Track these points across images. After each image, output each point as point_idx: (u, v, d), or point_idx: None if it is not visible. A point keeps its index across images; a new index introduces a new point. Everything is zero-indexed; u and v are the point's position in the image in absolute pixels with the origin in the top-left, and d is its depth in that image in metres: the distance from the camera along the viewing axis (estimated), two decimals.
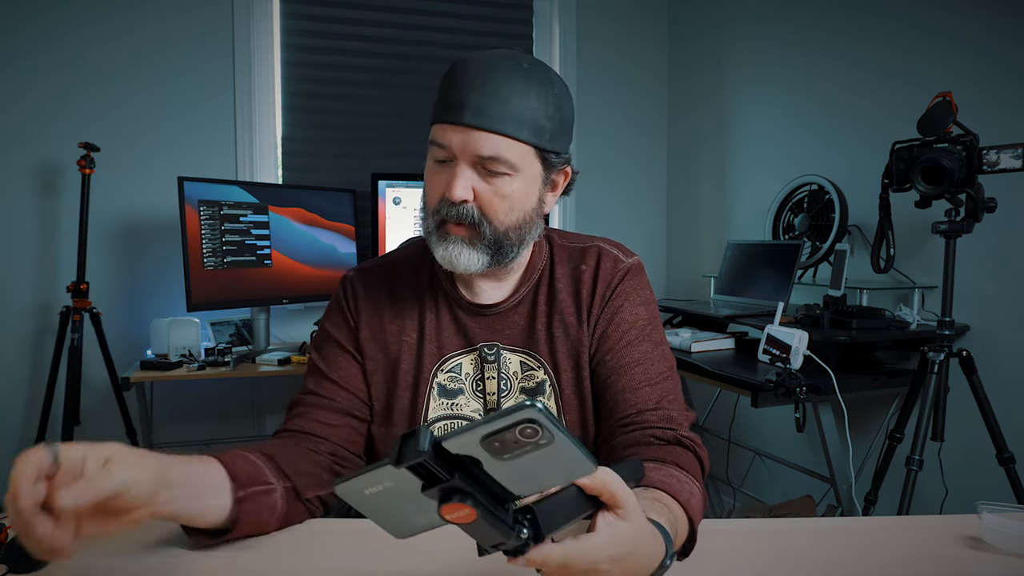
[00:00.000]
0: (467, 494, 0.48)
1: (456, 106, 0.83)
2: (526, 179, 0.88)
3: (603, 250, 1.00)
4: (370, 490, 0.50)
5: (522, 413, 0.45)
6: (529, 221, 0.91)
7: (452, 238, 0.88)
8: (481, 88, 0.82)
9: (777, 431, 2.55)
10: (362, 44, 2.82)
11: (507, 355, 0.97)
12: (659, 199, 3.29)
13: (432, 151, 0.88)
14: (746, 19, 2.74)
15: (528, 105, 0.84)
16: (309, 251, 2.57)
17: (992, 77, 1.81)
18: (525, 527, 0.51)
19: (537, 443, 0.46)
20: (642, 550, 0.58)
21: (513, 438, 0.46)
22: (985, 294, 1.84)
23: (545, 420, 0.45)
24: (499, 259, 0.90)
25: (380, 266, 1.03)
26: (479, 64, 0.84)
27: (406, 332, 0.98)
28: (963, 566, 0.76)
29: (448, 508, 0.48)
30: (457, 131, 0.84)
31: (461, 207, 0.86)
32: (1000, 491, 1.63)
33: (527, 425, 0.46)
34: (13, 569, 0.70)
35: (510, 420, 0.46)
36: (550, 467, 0.49)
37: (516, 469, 0.49)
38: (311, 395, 0.96)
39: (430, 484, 0.48)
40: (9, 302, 2.48)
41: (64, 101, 2.49)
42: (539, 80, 0.85)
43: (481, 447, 0.47)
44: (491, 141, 0.83)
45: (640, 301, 0.98)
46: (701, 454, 0.89)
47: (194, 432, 2.67)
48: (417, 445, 0.46)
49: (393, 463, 0.47)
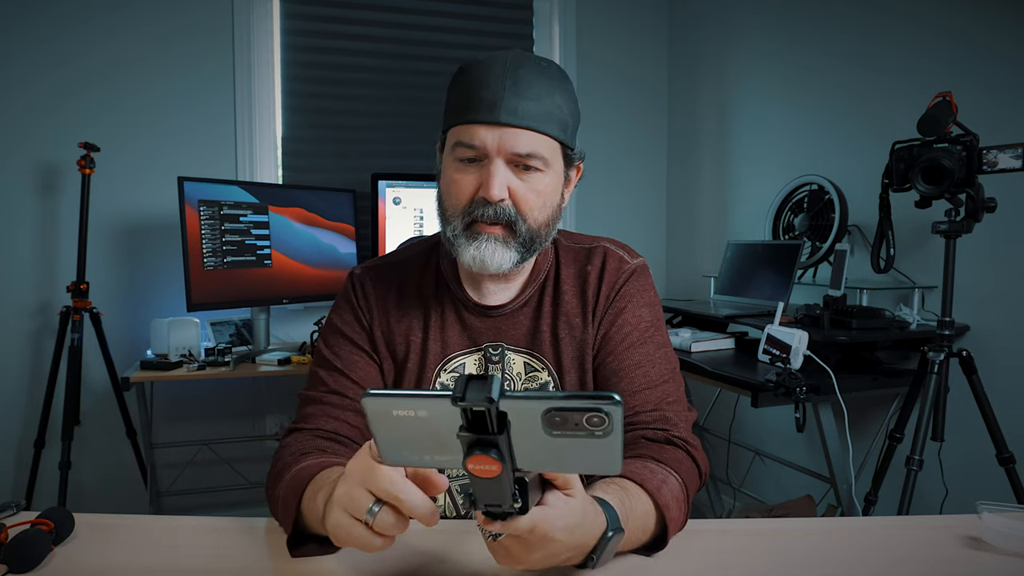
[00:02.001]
0: (501, 453, 0.49)
1: (488, 105, 0.83)
2: (555, 174, 0.90)
3: (609, 251, 1.00)
4: (400, 412, 0.51)
5: (604, 403, 0.47)
6: (556, 216, 0.93)
7: (484, 237, 0.87)
8: (513, 86, 0.83)
9: (777, 431, 2.55)
10: (362, 44, 2.82)
11: (511, 356, 0.97)
12: (659, 199, 3.29)
13: (458, 151, 0.87)
14: (746, 19, 2.74)
15: (555, 102, 0.86)
16: (309, 251, 2.57)
17: (992, 77, 1.81)
18: (518, 497, 0.54)
19: (593, 432, 0.48)
20: (587, 522, 0.62)
21: (578, 420, 0.48)
22: (985, 294, 1.84)
23: (619, 417, 0.47)
24: (527, 256, 0.91)
25: (388, 264, 1.03)
26: (502, 64, 0.85)
27: (412, 332, 0.98)
28: (963, 566, 0.76)
29: (478, 459, 0.50)
30: (491, 129, 0.84)
31: (498, 206, 0.86)
32: (1000, 491, 1.63)
33: (599, 415, 0.47)
34: (13, 569, 0.70)
35: (588, 404, 0.47)
36: (586, 456, 0.51)
37: (550, 446, 0.50)
38: (334, 395, 0.94)
39: (471, 430, 0.49)
40: (9, 302, 2.48)
41: (64, 101, 2.49)
42: (560, 78, 0.88)
43: (540, 415, 0.48)
44: (527, 138, 0.84)
45: (644, 303, 0.98)
46: (694, 453, 0.89)
47: (194, 432, 2.67)
48: (486, 391, 0.48)
49: (454, 400, 0.48)
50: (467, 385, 0.48)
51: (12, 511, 0.82)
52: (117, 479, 2.59)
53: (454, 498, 0.96)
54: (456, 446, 0.51)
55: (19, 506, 0.83)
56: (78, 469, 2.34)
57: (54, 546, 0.75)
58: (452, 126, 0.88)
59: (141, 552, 0.77)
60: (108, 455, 2.58)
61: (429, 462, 0.55)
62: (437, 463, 0.55)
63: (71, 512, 0.80)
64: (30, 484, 2.34)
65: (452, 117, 0.88)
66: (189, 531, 0.83)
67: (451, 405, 0.49)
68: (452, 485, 0.96)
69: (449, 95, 0.89)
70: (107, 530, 0.82)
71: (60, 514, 0.78)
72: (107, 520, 0.85)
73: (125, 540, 0.80)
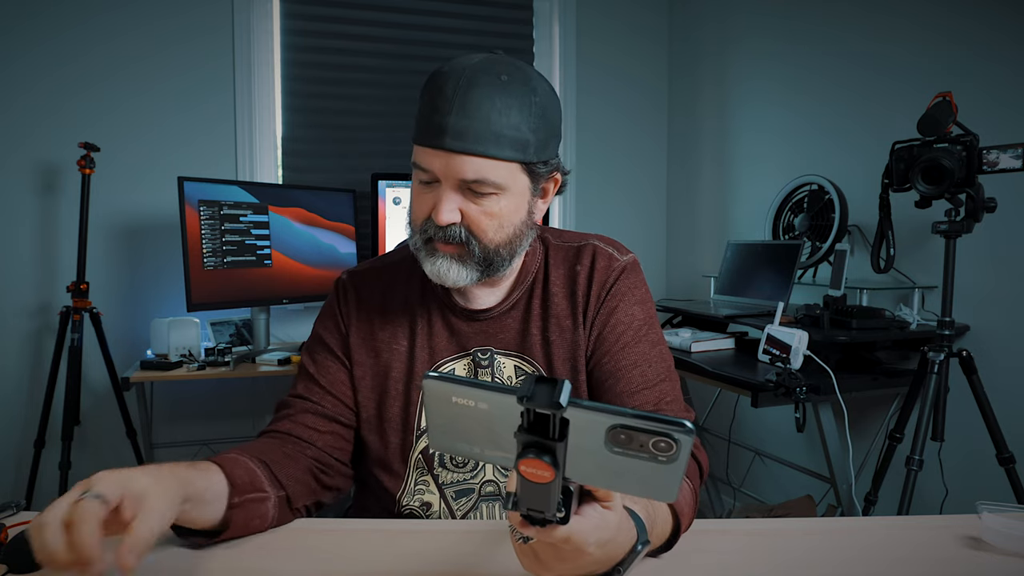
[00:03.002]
0: (556, 460, 0.48)
1: (436, 129, 0.81)
2: (514, 195, 0.86)
3: (598, 248, 0.99)
4: (459, 400, 0.50)
5: (676, 430, 0.45)
6: (520, 234, 0.90)
7: (441, 254, 0.87)
8: (461, 109, 0.79)
9: (777, 431, 2.55)
10: (362, 44, 2.82)
11: (501, 359, 0.96)
12: (659, 199, 3.29)
13: (416, 173, 0.86)
14: (746, 19, 2.74)
15: (510, 122, 0.81)
16: (309, 251, 2.57)
17: (992, 77, 1.81)
18: (562, 507, 0.53)
19: (657, 457, 0.46)
20: (620, 536, 0.60)
21: (644, 441, 0.46)
22: (985, 294, 1.84)
23: (688, 446, 0.46)
24: (490, 273, 0.90)
25: (374, 269, 1.02)
26: (455, 81, 0.80)
27: (397, 339, 0.97)
28: (963, 566, 0.76)
29: (531, 462, 0.48)
30: (438, 155, 0.82)
31: (448, 229, 0.85)
32: (1000, 491, 1.63)
33: (668, 440, 0.45)
34: (13, 569, 0.70)
35: (659, 427, 0.45)
36: (642, 479, 0.49)
37: (607, 462, 0.48)
38: (299, 399, 0.95)
39: (529, 432, 0.48)
40: (9, 302, 2.48)
41: (64, 101, 2.49)
42: (519, 93, 0.81)
43: (604, 429, 0.47)
44: (474, 164, 0.81)
45: (636, 300, 0.97)
46: (697, 454, 0.89)
47: (194, 432, 2.67)
48: (555, 396, 0.46)
49: (520, 398, 0.47)
50: (535, 386, 0.47)
51: (12, 511, 0.82)
52: None
53: (448, 502, 0.96)
54: (511, 444, 0.49)
55: (19, 506, 0.83)
56: (78, 469, 2.34)
57: None
58: (413, 143, 0.86)
59: None
60: (108, 455, 2.58)
61: (478, 454, 0.53)
62: (487, 457, 0.53)
63: None
64: (30, 484, 2.34)
65: (413, 135, 0.86)
66: None
67: (515, 403, 0.47)
68: (447, 491, 0.96)
69: (418, 106, 0.87)
70: None
71: None
72: None
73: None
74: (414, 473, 0.95)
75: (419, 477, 0.96)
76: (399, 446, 0.95)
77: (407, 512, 0.96)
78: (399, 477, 0.96)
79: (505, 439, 0.50)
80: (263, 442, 0.91)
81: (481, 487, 0.96)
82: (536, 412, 0.47)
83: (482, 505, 0.96)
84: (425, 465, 0.95)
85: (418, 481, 0.96)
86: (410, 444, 0.95)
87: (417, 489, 0.96)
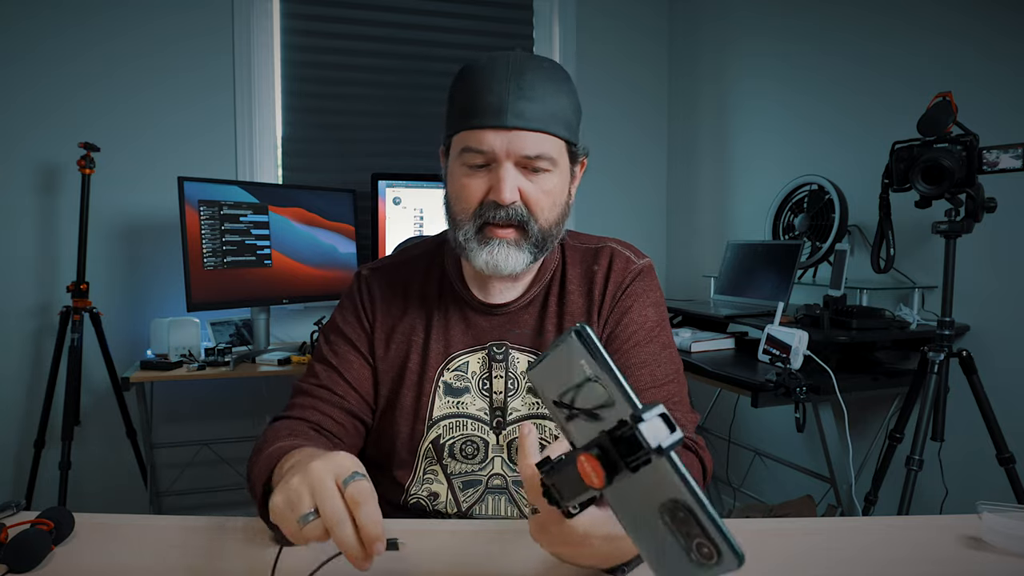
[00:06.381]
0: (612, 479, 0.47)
1: (494, 109, 0.84)
2: (562, 173, 0.90)
3: (615, 251, 1.01)
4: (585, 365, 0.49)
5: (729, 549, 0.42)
6: (565, 214, 0.94)
7: (497, 241, 0.88)
8: (518, 90, 0.84)
9: (777, 431, 2.55)
10: (362, 44, 2.82)
11: (516, 355, 0.97)
12: (659, 199, 3.29)
13: (464, 157, 0.87)
14: (746, 19, 2.74)
15: (560, 102, 0.87)
16: (309, 251, 2.57)
17: (992, 77, 1.81)
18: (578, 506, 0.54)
19: (691, 552, 0.45)
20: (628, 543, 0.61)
21: (694, 533, 0.44)
22: (985, 294, 1.84)
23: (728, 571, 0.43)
24: (539, 256, 0.92)
25: (394, 265, 1.04)
26: (505, 66, 0.85)
27: (415, 332, 0.99)
28: (963, 566, 0.76)
29: (593, 462, 0.48)
30: (499, 133, 0.84)
31: (510, 208, 0.87)
32: (1000, 491, 1.63)
33: (714, 551, 0.43)
34: (13, 569, 0.70)
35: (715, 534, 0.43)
36: (663, 558, 0.47)
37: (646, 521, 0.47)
38: (324, 389, 0.96)
39: (615, 443, 0.47)
40: (9, 302, 2.48)
41: (64, 101, 2.49)
42: (561, 77, 0.88)
43: (669, 497, 0.45)
44: (535, 140, 0.85)
45: (650, 303, 0.99)
46: (703, 455, 0.90)
47: (194, 432, 2.67)
48: (663, 441, 0.44)
49: (633, 417, 0.45)
50: (655, 418, 0.45)
51: (12, 511, 0.82)
52: (117, 479, 2.58)
53: (455, 493, 0.96)
54: (588, 430, 0.49)
55: (19, 506, 0.83)
56: (78, 469, 2.34)
57: (54, 546, 0.75)
58: (458, 131, 0.88)
59: (141, 552, 0.77)
60: (108, 455, 2.58)
61: (550, 409, 0.53)
62: (554, 414, 0.53)
63: (71, 512, 0.80)
64: (30, 484, 2.34)
65: (457, 122, 0.88)
66: (189, 531, 0.83)
67: (625, 411, 0.46)
68: (455, 482, 0.96)
69: (452, 100, 0.90)
70: (107, 530, 0.82)
71: (60, 514, 0.78)
72: (107, 520, 0.85)
73: (125, 540, 0.80)
74: (423, 463, 0.97)
75: (428, 467, 0.97)
76: (409, 435, 0.96)
77: (414, 502, 0.97)
78: (408, 467, 0.97)
79: (587, 424, 0.49)
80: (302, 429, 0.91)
81: (488, 480, 0.97)
82: (635, 435, 0.45)
83: (488, 497, 0.97)
84: (435, 455, 0.96)
85: (427, 471, 0.97)
86: (420, 433, 0.96)
87: (426, 478, 0.97)
